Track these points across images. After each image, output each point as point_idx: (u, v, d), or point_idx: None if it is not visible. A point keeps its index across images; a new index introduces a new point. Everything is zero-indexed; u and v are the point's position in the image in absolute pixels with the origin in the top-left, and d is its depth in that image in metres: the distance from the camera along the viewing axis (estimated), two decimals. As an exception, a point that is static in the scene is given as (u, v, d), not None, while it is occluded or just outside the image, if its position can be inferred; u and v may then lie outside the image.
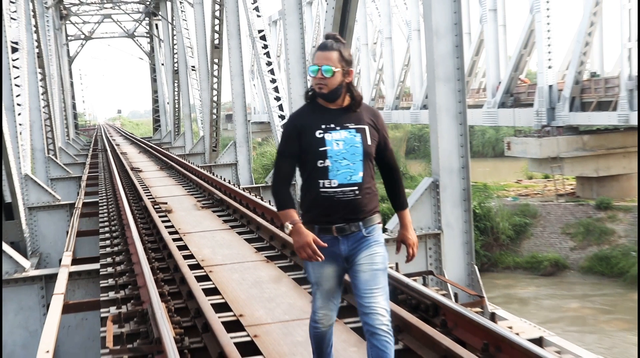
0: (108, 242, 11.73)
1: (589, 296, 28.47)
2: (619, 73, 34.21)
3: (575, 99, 36.13)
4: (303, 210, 4.60)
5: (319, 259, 4.42)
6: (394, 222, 9.51)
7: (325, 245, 4.46)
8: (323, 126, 4.51)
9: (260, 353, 5.93)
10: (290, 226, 4.47)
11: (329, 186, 4.46)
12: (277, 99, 22.06)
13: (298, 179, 4.74)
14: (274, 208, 12.59)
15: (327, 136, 4.49)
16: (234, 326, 6.69)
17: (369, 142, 4.54)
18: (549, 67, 36.76)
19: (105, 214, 15.13)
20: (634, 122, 33.00)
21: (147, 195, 16.78)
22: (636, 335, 21.19)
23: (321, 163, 4.46)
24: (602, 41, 39.35)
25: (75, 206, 18.01)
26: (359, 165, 4.50)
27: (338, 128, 4.52)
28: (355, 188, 4.48)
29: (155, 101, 69.27)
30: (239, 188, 17.08)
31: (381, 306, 4.46)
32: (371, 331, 4.44)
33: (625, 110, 32.56)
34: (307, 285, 8.09)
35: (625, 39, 33.59)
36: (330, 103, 4.57)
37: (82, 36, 71.86)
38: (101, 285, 8.73)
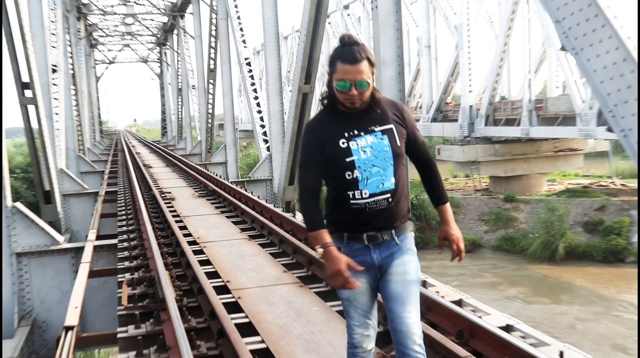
0: (124, 222, 11.63)
1: (496, 268, 28.79)
2: (521, 97, 34.64)
3: (489, 116, 36.56)
4: (329, 218, 3.33)
5: (355, 287, 3.18)
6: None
7: (361, 268, 3.21)
8: (346, 134, 3.23)
9: (242, 311, 5.89)
10: (321, 251, 3.19)
11: (359, 197, 3.21)
12: (259, 112, 22.00)
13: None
14: (255, 198, 12.53)
15: (352, 145, 3.21)
16: (222, 290, 6.64)
17: (398, 142, 3.27)
18: (470, 91, 37.19)
19: (122, 201, 14.98)
20: (533, 135, 33.45)
21: (155, 186, 16.63)
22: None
23: (349, 175, 3.20)
24: (510, 73, 40.08)
25: (99, 194, 17.83)
26: (390, 170, 3.24)
27: (362, 133, 3.23)
28: (388, 195, 3.23)
29: (163, 112, 68.64)
30: (228, 182, 16.99)
31: (415, 325, 3.23)
32: (403, 351, 3.23)
33: (526, 126, 33.03)
34: (280, 258, 8.03)
35: (526, 71, 34.05)
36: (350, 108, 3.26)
37: (107, 61, 71.29)
38: (118, 256, 8.66)
